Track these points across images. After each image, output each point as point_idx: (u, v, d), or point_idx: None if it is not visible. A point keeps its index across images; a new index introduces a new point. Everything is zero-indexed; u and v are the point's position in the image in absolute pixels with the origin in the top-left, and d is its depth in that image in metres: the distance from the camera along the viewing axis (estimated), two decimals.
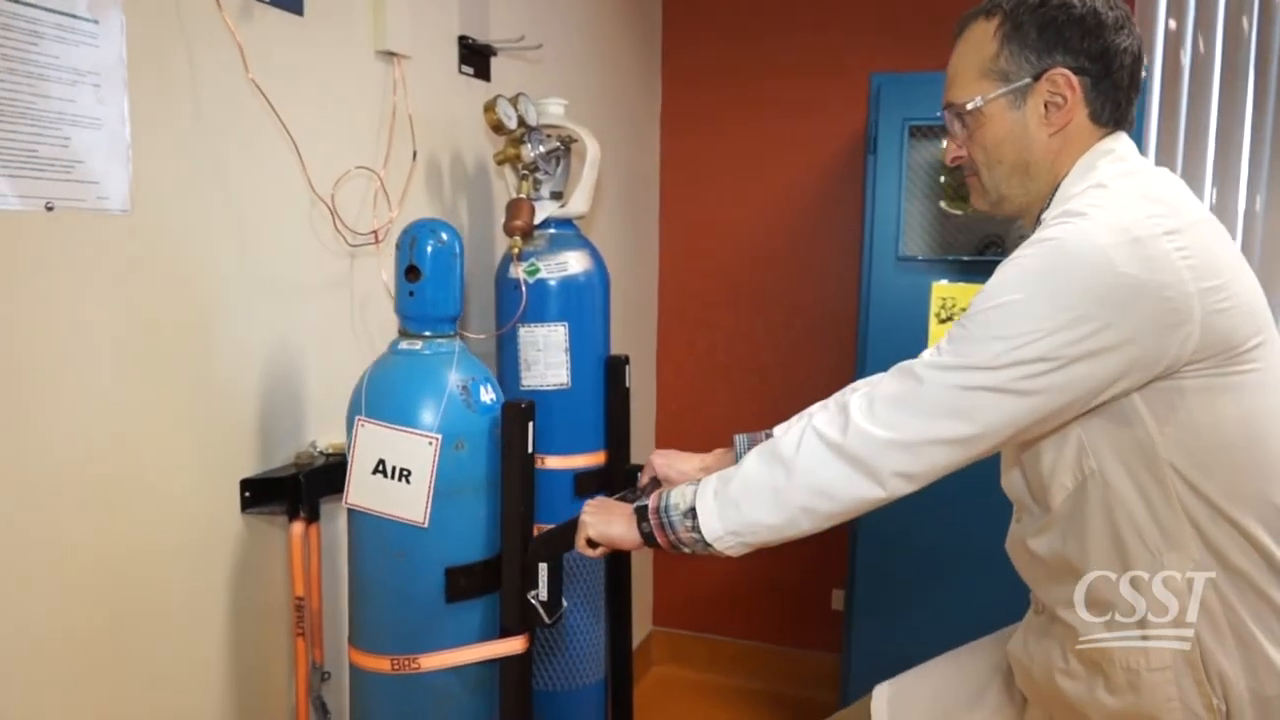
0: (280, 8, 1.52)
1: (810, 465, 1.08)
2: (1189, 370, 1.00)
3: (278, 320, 1.55)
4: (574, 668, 1.96)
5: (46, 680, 1.20)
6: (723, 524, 1.13)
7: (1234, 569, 1.03)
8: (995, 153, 1.14)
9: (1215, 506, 1.02)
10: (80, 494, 1.23)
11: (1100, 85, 1.10)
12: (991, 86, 1.12)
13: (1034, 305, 0.99)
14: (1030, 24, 1.10)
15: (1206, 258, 1.00)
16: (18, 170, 1.12)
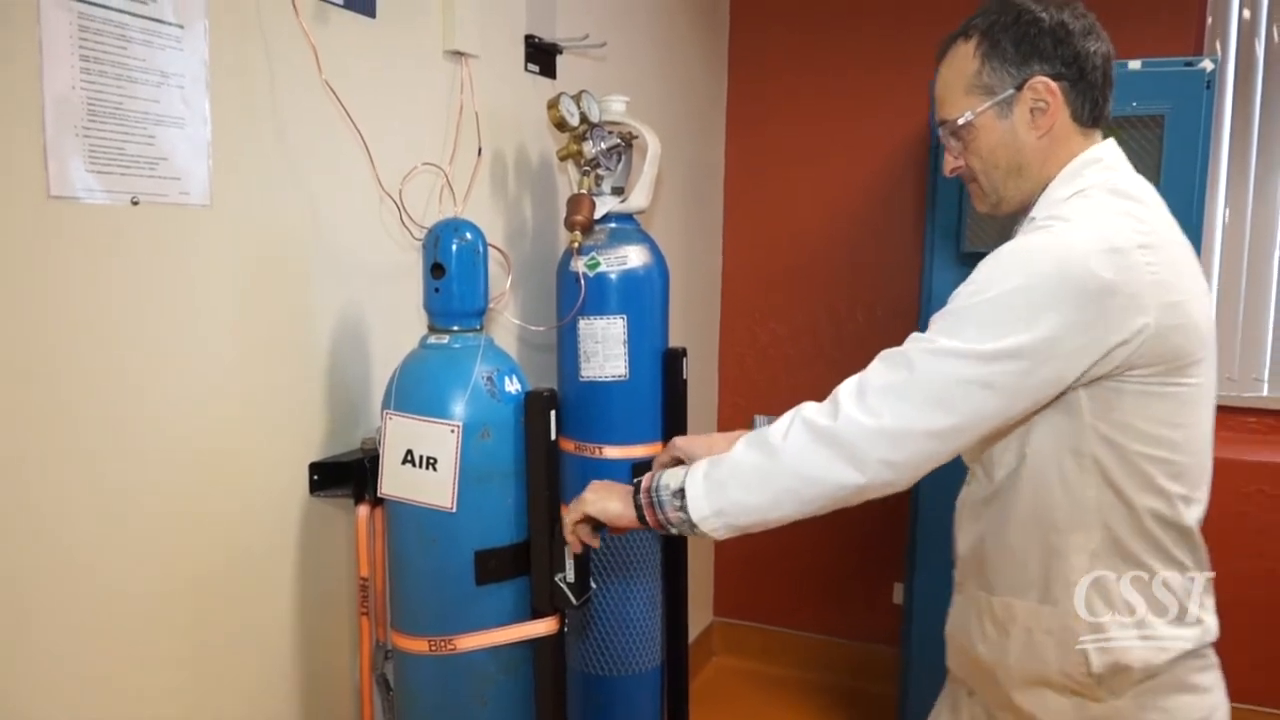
0: (354, 10, 1.58)
1: (796, 449, 1.11)
2: (1132, 375, 1.08)
3: (346, 311, 1.62)
4: (630, 653, 2.00)
5: (133, 638, 1.28)
6: (709, 503, 1.16)
7: (1127, 553, 1.14)
8: (991, 159, 1.22)
9: (1123, 497, 1.12)
10: (165, 474, 1.30)
11: (1077, 87, 1.18)
12: (979, 101, 1.20)
13: (1019, 299, 1.06)
14: (1006, 40, 1.18)
15: (1171, 275, 1.09)
16: (105, 167, 1.20)
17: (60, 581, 1.18)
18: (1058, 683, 1.17)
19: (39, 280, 1.13)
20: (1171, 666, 1.15)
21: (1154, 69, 2.26)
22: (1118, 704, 1.15)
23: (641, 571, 2.01)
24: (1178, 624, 1.15)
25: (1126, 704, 1.14)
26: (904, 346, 1.12)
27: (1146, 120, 2.30)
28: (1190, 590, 1.16)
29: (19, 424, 1.12)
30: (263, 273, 1.45)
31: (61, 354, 1.16)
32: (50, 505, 1.16)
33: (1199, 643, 1.17)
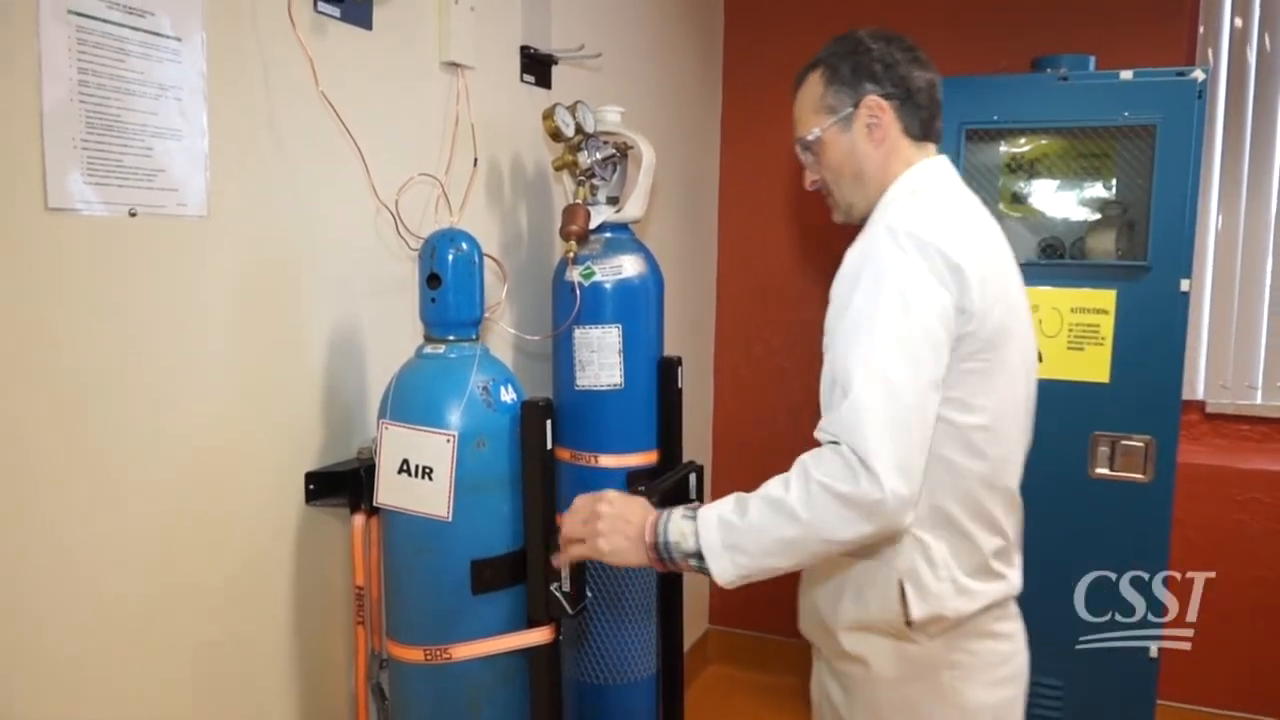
0: (350, 23, 1.60)
1: (828, 521, 1.15)
2: (957, 354, 1.21)
3: (342, 320, 1.63)
4: (625, 662, 2.00)
5: (129, 646, 1.28)
6: (735, 570, 1.22)
7: (947, 517, 1.27)
8: (837, 170, 1.40)
9: (952, 465, 1.25)
10: (162, 483, 1.31)
11: (905, 105, 1.37)
12: (825, 119, 1.39)
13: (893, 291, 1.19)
14: (844, 66, 1.38)
15: (983, 265, 1.24)
16: (104, 179, 1.21)
17: (55, 589, 1.18)
18: (881, 628, 1.30)
19: (38, 291, 1.13)
20: (978, 615, 1.29)
21: (1145, 79, 2.28)
22: (931, 645, 1.29)
23: (636, 580, 2.01)
24: (985, 579, 1.30)
25: (938, 646, 1.29)
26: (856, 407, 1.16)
27: (1139, 130, 2.32)
28: (998, 550, 1.31)
29: (17, 432, 1.12)
30: (259, 283, 1.46)
31: (59, 364, 1.17)
32: (45, 514, 1.16)
33: (1004, 595, 1.33)
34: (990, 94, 2.41)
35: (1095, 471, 2.38)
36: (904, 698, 1.31)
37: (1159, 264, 2.29)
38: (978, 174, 2.53)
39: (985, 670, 1.31)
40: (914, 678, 1.30)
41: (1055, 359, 2.38)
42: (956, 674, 1.30)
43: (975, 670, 1.30)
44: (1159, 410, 2.33)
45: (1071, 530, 2.40)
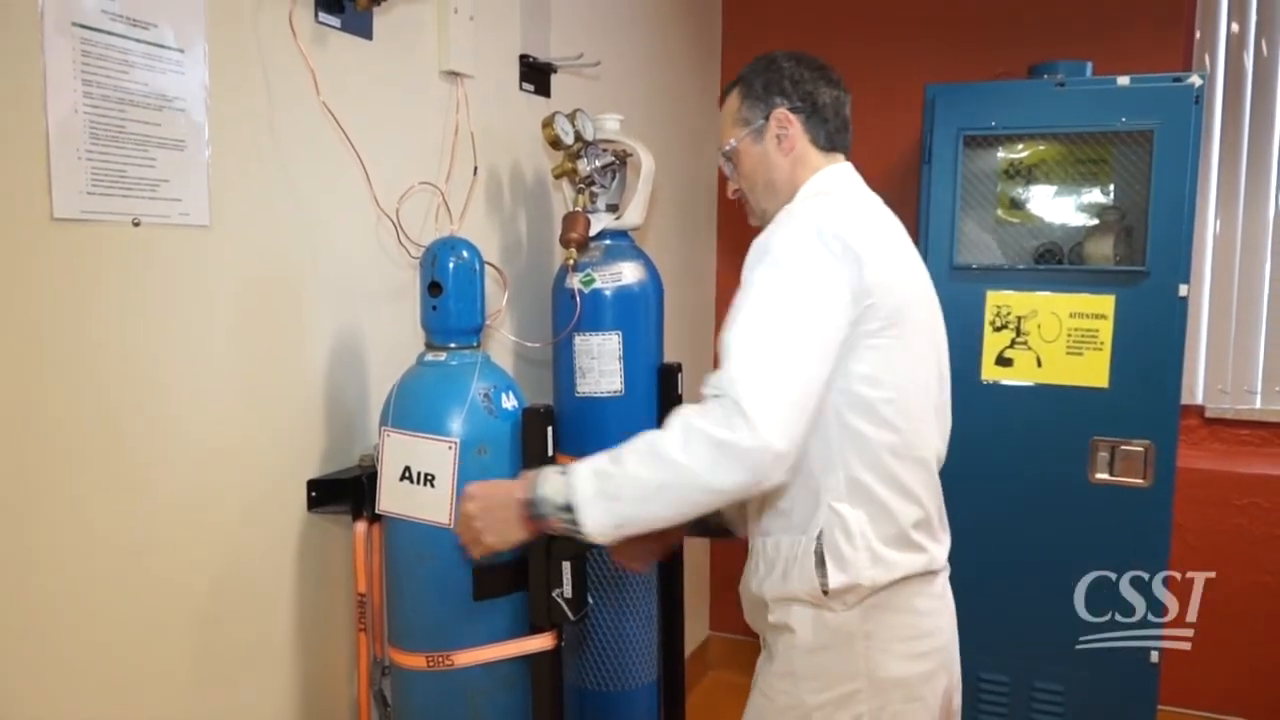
0: (351, 33, 1.61)
1: (699, 462, 1.19)
2: (862, 330, 1.28)
3: (344, 329, 1.64)
4: (626, 668, 2.01)
5: (132, 652, 1.29)
6: (609, 518, 1.24)
7: (864, 489, 1.31)
8: (751, 178, 1.51)
9: (861, 435, 1.30)
10: (163, 490, 1.32)
11: (811, 119, 1.47)
12: (741, 131, 1.50)
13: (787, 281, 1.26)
14: (757, 82, 1.49)
15: (881, 255, 1.31)
16: (108, 189, 1.22)
17: (58, 596, 1.19)
18: (802, 598, 1.34)
19: (43, 300, 1.14)
20: (896, 588, 1.33)
21: (1142, 85, 2.29)
22: (848, 615, 1.33)
23: (637, 586, 2.02)
24: (903, 549, 1.33)
25: (854, 615, 1.33)
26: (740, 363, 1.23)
27: (1136, 135, 2.33)
28: (917, 521, 1.35)
29: (21, 440, 1.13)
30: (262, 291, 1.47)
31: (63, 373, 1.17)
32: (47, 521, 1.17)
33: (924, 568, 1.36)
34: (987, 101, 2.42)
35: (1095, 476, 2.39)
36: (818, 663, 1.35)
37: (1157, 269, 2.29)
38: (975, 180, 2.55)
39: (900, 643, 1.34)
40: (829, 645, 1.34)
41: (1054, 364, 2.39)
42: (871, 644, 1.33)
43: (890, 642, 1.34)
44: (1158, 415, 2.34)
45: (1072, 535, 2.41)
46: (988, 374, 2.44)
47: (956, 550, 2.35)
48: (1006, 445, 2.45)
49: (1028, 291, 2.40)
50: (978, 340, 2.44)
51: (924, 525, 1.36)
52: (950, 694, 1.42)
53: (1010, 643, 2.49)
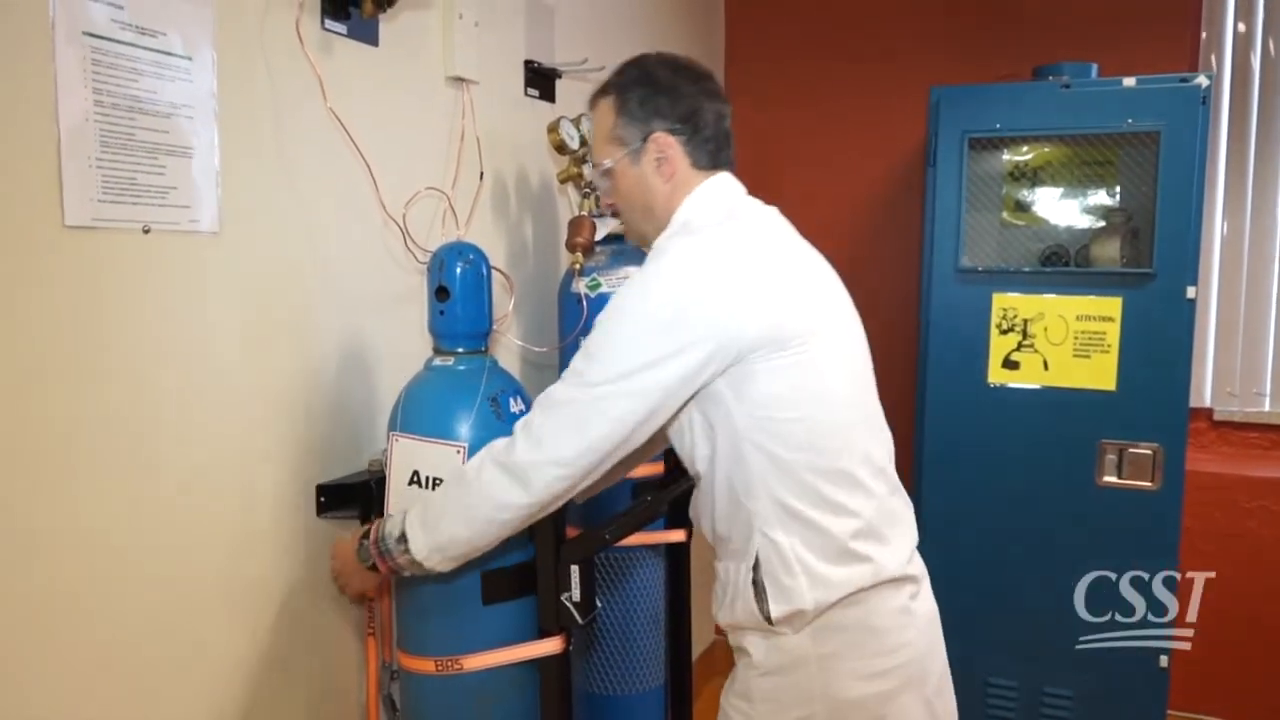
0: (357, 39, 1.61)
1: (487, 483, 1.28)
2: (753, 357, 1.25)
3: (352, 334, 1.64)
4: (633, 673, 2.01)
5: (138, 657, 1.29)
6: (426, 542, 1.33)
7: (793, 512, 1.28)
8: (627, 200, 1.44)
9: (780, 460, 1.27)
10: (172, 496, 1.32)
11: (693, 140, 1.39)
12: (617, 150, 1.42)
13: (631, 327, 1.26)
14: (633, 99, 1.40)
15: (766, 280, 1.29)
16: (118, 196, 1.22)
17: (65, 599, 1.19)
18: (751, 626, 1.33)
19: (56, 306, 1.15)
20: (848, 606, 1.29)
21: (1149, 86, 2.29)
22: (799, 638, 1.30)
23: (645, 590, 2.02)
24: (845, 563, 1.28)
25: (804, 638, 1.30)
26: (552, 389, 1.30)
27: (1142, 136, 2.32)
28: (856, 531, 1.29)
29: (32, 444, 1.14)
30: (270, 297, 1.47)
31: (75, 378, 1.18)
32: (55, 525, 1.18)
33: (872, 579, 1.30)
34: (992, 102, 2.42)
35: (1103, 479, 2.38)
36: (772, 687, 1.33)
37: (1164, 271, 2.29)
38: (981, 182, 2.54)
39: (859, 660, 1.30)
40: (782, 668, 1.31)
41: (1061, 367, 2.39)
42: (824, 665, 1.29)
43: (846, 660, 1.29)
44: (1166, 418, 2.34)
45: (1079, 539, 2.41)
46: (994, 377, 2.44)
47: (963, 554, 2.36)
48: (1013, 448, 2.44)
49: (1034, 294, 2.40)
50: (984, 343, 2.44)
51: (864, 534, 1.30)
52: (928, 704, 1.36)
53: (1018, 647, 2.49)
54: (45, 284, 1.14)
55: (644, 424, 1.26)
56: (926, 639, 1.37)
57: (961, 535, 2.48)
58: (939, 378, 2.49)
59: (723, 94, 1.45)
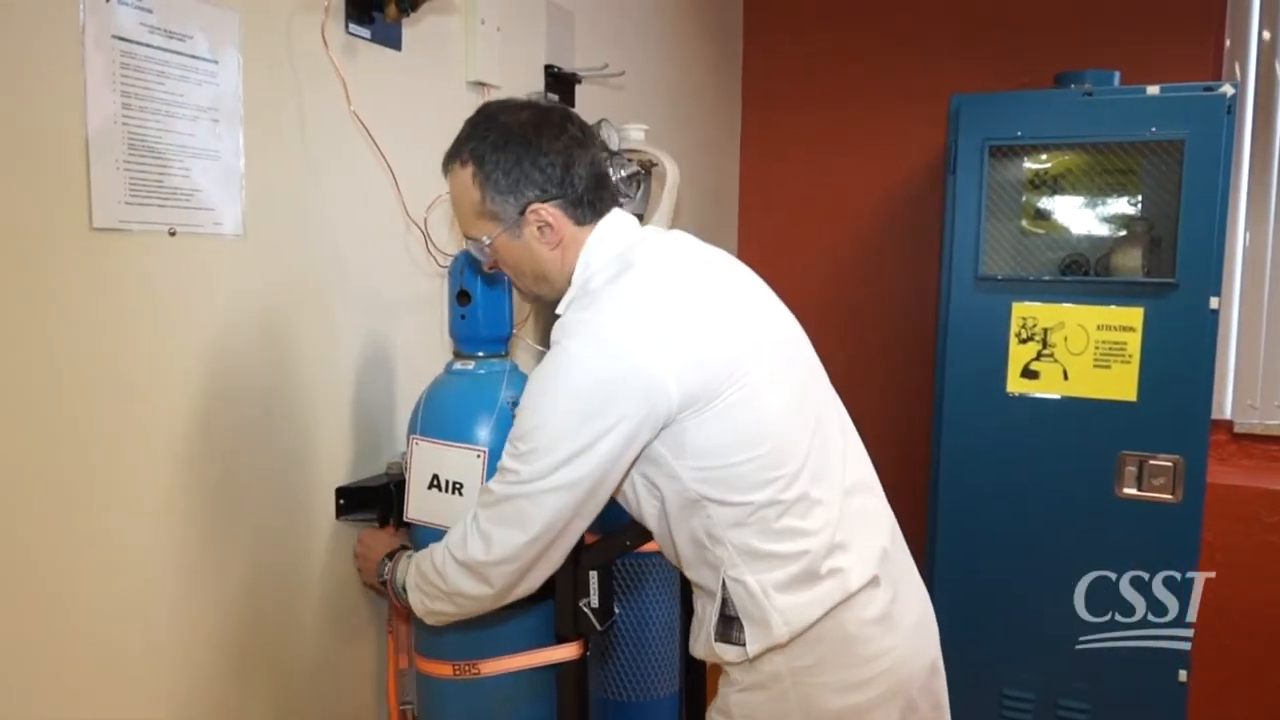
0: (381, 44, 1.62)
1: (452, 578, 1.31)
2: (682, 416, 1.22)
3: (373, 337, 1.64)
4: (648, 679, 2.00)
5: (156, 659, 1.30)
6: (423, 606, 1.38)
7: (755, 552, 1.26)
8: (517, 269, 1.38)
9: (733, 505, 1.25)
10: (193, 498, 1.33)
11: (570, 199, 1.31)
12: (491, 226, 1.33)
13: (552, 420, 1.22)
14: (498, 171, 1.29)
15: (677, 335, 1.23)
16: (145, 199, 1.23)
17: (84, 597, 1.20)
18: (720, 659, 1.33)
19: (83, 308, 1.16)
20: (824, 623, 1.26)
21: (1173, 94, 2.27)
22: (772, 655, 1.28)
23: (659, 596, 2.01)
24: (814, 584, 1.26)
25: (777, 655, 1.28)
26: (491, 484, 1.28)
27: (1166, 146, 2.31)
28: (823, 549, 1.26)
29: (57, 445, 1.14)
30: (292, 300, 1.48)
31: (102, 381, 1.19)
32: (75, 524, 1.18)
33: (842, 594, 1.27)
34: (1013, 110, 2.41)
35: (1123, 491, 2.36)
36: (749, 703, 1.32)
37: (1187, 281, 2.27)
38: (999, 190, 2.53)
39: (836, 673, 1.28)
40: (758, 685, 1.30)
41: (1081, 377, 2.37)
42: (800, 680, 1.28)
43: (823, 673, 1.27)
44: (1188, 429, 2.31)
45: (1099, 551, 2.39)
46: (1013, 386, 2.43)
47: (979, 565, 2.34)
48: (1032, 459, 2.42)
49: (1055, 303, 2.39)
50: (1003, 352, 2.42)
51: (829, 549, 1.27)
52: (914, 712, 1.34)
53: (1034, 658, 2.47)
54: (73, 286, 1.15)
55: (585, 505, 1.26)
56: (910, 645, 1.34)
57: (978, 546, 2.46)
58: (957, 386, 2.48)
59: (588, 133, 1.35)
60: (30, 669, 1.13)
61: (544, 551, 1.28)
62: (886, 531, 1.37)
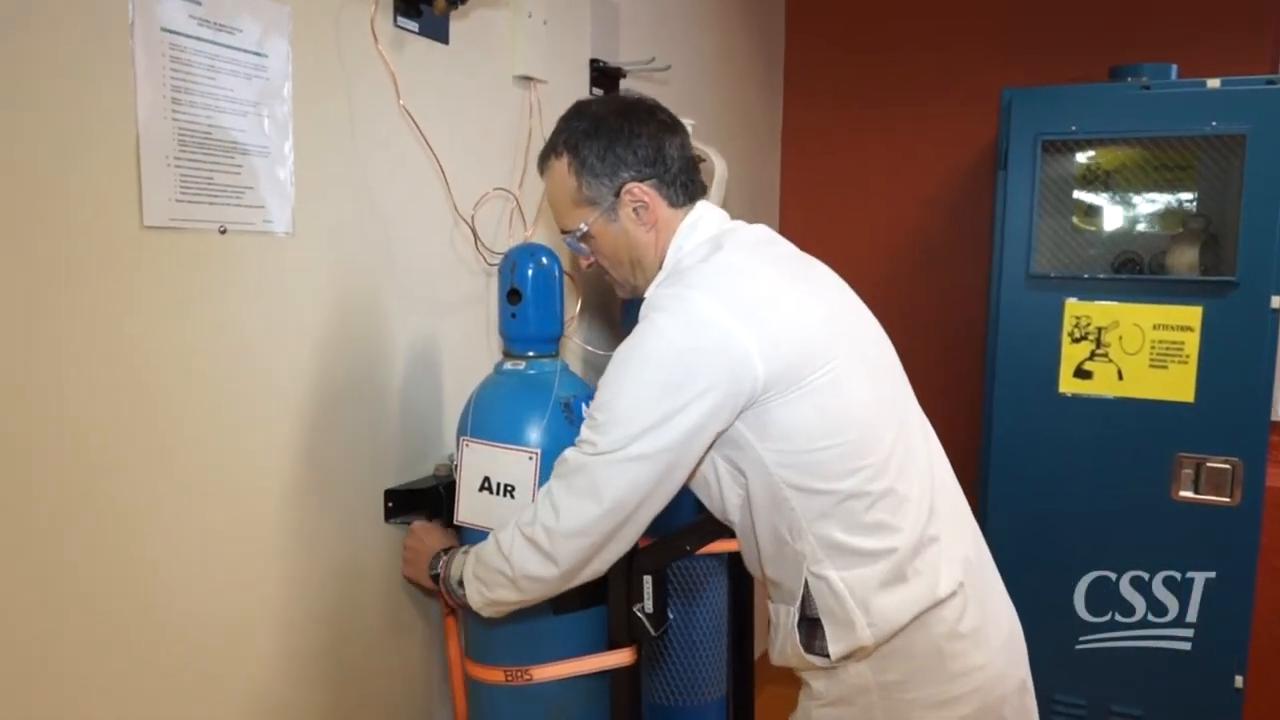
0: (429, 37, 1.59)
1: (519, 557, 1.27)
2: (766, 397, 1.20)
3: (420, 337, 1.62)
4: (695, 683, 1.97)
5: (202, 662, 1.27)
6: (479, 597, 1.34)
7: (840, 547, 1.22)
8: (614, 257, 1.39)
9: (818, 493, 1.22)
10: (242, 500, 1.30)
11: (664, 179, 1.34)
12: (588, 212, 1.36)
13: (633, 390, 1.21)
14: (592, 155, 1.33)
15: (766, 314, 1.22)
16: (195, 196, 1.20)
17: (142, 603, 1.18)
18: (804, 667, 1.30)
19: (134, 308, 1.13)
20: (911, 632, 1.23)
21: (1234, 87, 2.20)
22: (860, 667, 1.25)
23: (708, 599, 1.97)
24: (899, 585, 1.22)
25: (866, 667, 1.25)
26: (567, 453, 1.27)
27: (1226, 140, 2.24)
28: (911, 548, 1.23)
29: (113, 442, 1.12)
30: (341, 299, 1.45)
31: (154, 380, 1.16)
32: (131, 525, 1.16)
33: (930, 600, 1.23)
34: (1068, 105, 2.34)
35: (1179, 494, 2.30)
36: (834, 717, 1.28)
37: (1248, 279, 2.20)
38: (1049, 186, 2.47)
39: (924, 688, 1.24)
40: (843, 699, 1.27)
41: (1136, 378, 2.31)
42: (888, 695, 1.25)
43: (912, 689, 1.24)
44: (1246, 431, 2.25)
45: (1154, 554, 2.33)
46: (1065, 386, 2.37)
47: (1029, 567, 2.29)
48: (1085, 460, 2.37)
49: (1109, 301, 2.32)
50: (1055, 351, 2.37)
51: (919, 551, 1.24)
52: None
53: (1085, 663, 2.41)
54: (125, 286, 1.12)
55: (661, 483, 1.23)
56: (1001, 663, 1.30)
57: (1029, 548, 2.40)
58: (1008, 386, 2.42)
59: (675, 121, 1.39)
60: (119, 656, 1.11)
61: (615, 530, 1.24)
62: (971, 541, 1.34)
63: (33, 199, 1.02)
